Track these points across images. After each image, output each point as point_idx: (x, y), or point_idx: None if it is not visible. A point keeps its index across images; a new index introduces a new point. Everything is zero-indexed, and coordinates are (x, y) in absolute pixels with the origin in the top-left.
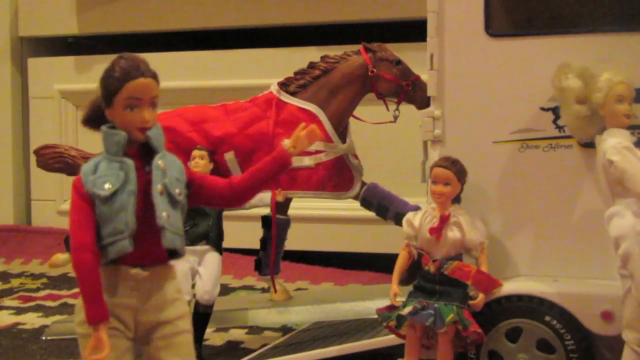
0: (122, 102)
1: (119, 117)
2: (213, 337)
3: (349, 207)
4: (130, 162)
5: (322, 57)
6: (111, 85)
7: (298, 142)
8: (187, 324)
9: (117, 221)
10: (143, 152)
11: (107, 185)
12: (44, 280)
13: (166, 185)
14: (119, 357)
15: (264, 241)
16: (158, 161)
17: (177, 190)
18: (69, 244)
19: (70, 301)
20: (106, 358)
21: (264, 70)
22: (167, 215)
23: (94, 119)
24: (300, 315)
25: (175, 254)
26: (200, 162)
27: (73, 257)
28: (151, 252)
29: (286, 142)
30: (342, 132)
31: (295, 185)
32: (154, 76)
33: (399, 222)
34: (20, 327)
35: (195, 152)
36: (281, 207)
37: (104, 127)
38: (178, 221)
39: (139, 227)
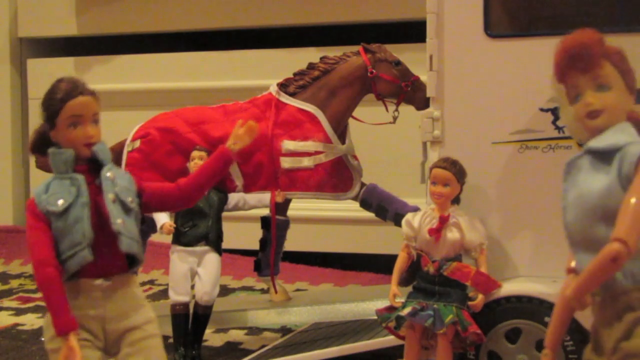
0: (64, 121)
1: (63, 136)
2: (212, 337)
3: (349, 207)
4: (80, 177)
5: (321, 58)
6: (53, 106)
7: (238, 138)
8: (155, 329)
9: (74, 233)
10: (92, 168)
11: (60, 202)
12: None
13: (117, 193)
14: None
15: (263, 242)
16: (107, 173)
17: (129, 199)
18: None
19: None
20: None
21: (263, 71)
22: (122, 222)
23: (40, 146)
24: (300, 316)
25: (134, 261)
26: (199, 162)
27: (35, 274)
28: (110, 262)
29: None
30: (342, 133)
31: (294, 186)
32: (93, 94)
33: (398, 223)
34: (19, 327)
35: (195, 153)
36: (280, 208)
37: (51, 149)
38: (133, 228)
39: (96, 238)
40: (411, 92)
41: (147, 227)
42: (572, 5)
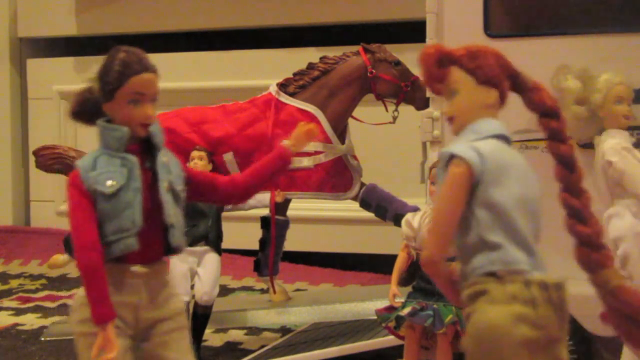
0: (125, 96)
1: (122, 112)
2: (212, 337)
3: (348, 207)
4: (133, 159)
5: (321, 58)
6: (114, 79)
7: (298, 140)
8: (184, 320)
9: (122, 219)
10: (143, 149)
11: (109, 182)
12: (43, 281)
13: (171, 182)
14: (122, 356)
15: (263, 242)
16: (162, 158)
17: (179, 187)
18: (68, 245)
19: (70, 302)
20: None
21: (263, 71)
22: (174, 213)
23: (84, 113)
24: (299, 316)
25: (175, 250)
26: (199, 163)
27: (78, 257)
28: (152, 249)
29: (286, 141)
30: (341, 133)
31: (294, 186)
32: (156, 72)
33: (398, 223)
34: (19, 327)
35: (194, 153)
36: (280, 207)
37: (102, 122)
38: (182, 218)
39: (143, 224)
40: (411, 92)
41: None
42: (572, 5)
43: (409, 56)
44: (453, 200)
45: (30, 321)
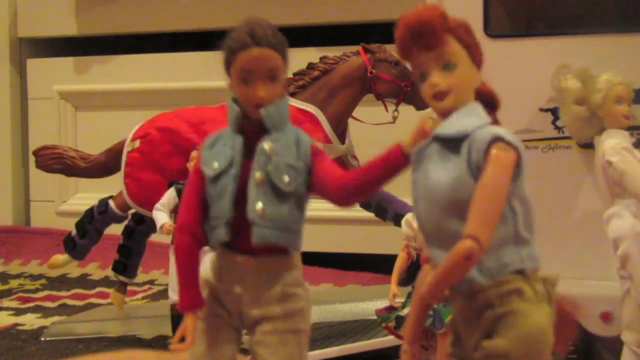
0: (236, 74)
1: (236, 91)
2: None
3: (348, 207)
4: (239, 143)
5: (321, 58)
6: (226, 55)
7: (416, 138)
8: (295, 323)
9: (217, 206)
10: (261, 131)
11: (215, 164)
12: (43, 281)
13: (269, 172)
14: (218, 346)
15: None
16: (264, 144)
17: (285, 179)
18: (68, 245)
19: (70, 302)
20: (199, 347)
21: None
22: (262, 208)
23: None
24: None
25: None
26: None
27: (174, 238)
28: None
29: (402, 139)
30: (341, 133)
31: None
32: (273, 45)
33: (398, 223)
34: (19, 327)
35: (194, 153)
36: None
37: (229, 98)
38: (282, 214)
39: (242, 214)
40: (411, 92)
41: (147, 227)
42: (572, 5)
43: None
44: (505, 187)
45: (30, 321)
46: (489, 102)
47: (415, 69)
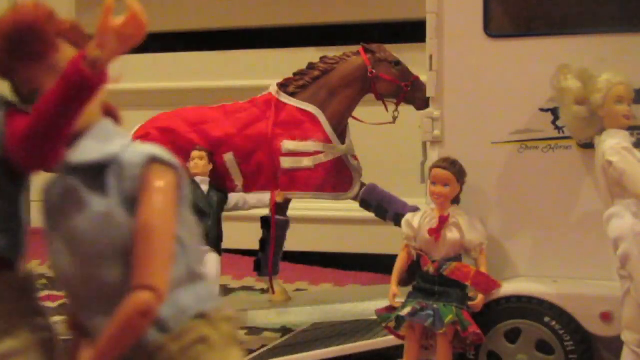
0: None
1: None
2: None
3: (348, 207)
4: None
5: (321, 58)
6: None
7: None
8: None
9: None
10: None
11: None
12: (43, 281)
13: None
14: None
15: (263, 242)
16: None
17: None
18: None
19: None
20: None
21: (264, 71)
22: None
23: None
24: (300, 316)
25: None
26: (199, 162)
27: None
28: None
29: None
30: (342, 133)
31: (294, 186)
32: None
33: (398, 223)
34: None
35: (195, 153)
36: (280, 208)
37: None
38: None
39: None
40: (411, 92)
41: None
42: (572, 6)
43: (409, 56)
44: (172, 219)
45: None
46: (114, 117)
47: (23, 87)
